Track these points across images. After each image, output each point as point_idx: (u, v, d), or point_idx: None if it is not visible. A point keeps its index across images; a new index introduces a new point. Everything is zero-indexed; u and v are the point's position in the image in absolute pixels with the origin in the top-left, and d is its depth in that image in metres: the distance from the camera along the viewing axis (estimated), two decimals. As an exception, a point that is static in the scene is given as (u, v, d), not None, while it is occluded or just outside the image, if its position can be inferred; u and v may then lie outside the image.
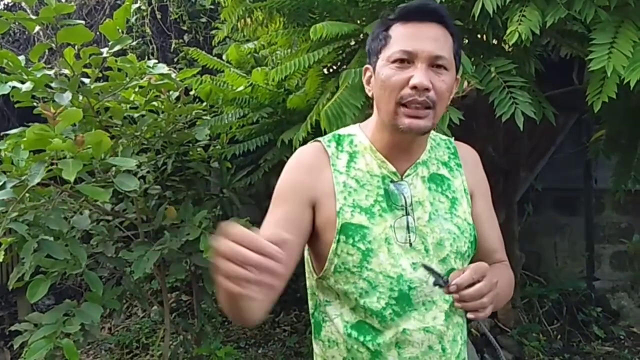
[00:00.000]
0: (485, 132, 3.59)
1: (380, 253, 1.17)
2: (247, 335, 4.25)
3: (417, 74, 1.13)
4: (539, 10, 1.87)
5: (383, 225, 1.18)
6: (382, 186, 1.22)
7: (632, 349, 3.92)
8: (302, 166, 1.26)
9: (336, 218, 1.18)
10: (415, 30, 1.16)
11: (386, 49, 1.18)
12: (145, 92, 2.59)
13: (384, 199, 1.21)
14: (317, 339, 1.29)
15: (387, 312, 1.17)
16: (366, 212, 1.19)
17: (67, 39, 2.15)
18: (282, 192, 1.25)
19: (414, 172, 1.25)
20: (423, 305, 1.19)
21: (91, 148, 1.97)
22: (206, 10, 4.73)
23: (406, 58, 1.14)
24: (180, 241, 2.51)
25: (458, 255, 1.24)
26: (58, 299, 4.33)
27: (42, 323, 2.24)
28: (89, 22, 4.80)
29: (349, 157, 1.25)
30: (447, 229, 1.23)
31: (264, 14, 2.69)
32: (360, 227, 1.17)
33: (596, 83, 1.84)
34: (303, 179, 1.23)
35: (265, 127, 3.14)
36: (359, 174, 1.23)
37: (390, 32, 1.19)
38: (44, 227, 2.18)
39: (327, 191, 1.21)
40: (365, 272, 1.17)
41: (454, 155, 1.34)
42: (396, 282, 1.17)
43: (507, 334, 3.83)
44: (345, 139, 1.28)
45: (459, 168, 1.32)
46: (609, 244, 4.81)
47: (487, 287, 1.07)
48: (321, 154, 1.26)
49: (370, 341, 1.18)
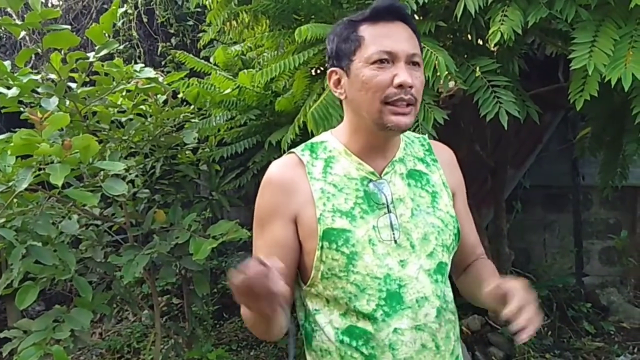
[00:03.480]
0: (472, 130, 3.61)
1: (365, 255, 1.17)
2: (239, 337, 4.24)
3: (400, 73, 1.15)
4: (521, 10, 1.89)
5: (365, 227, 1.19)
6: (361, 188, 1.22)
7: (622, 343, 3.94)
8: (277, 185, 1.26)
9: (317, 225, 1.18)
10: (387, 30, 1.18)
11: (361, 50, 1.19)
12: (132, 96, 2.58)
13: (364, 200, 1.21)
14: (310, 349, 1.28)
15: (378, 313, 1.17)
16: (347, 216, 1.19)
17: (53, 44, 2.15)
18: (264, 215, 1.26)
19: (392, 170, 1.26)
20: (417, 302, 1.19)
21: (79, 152, 1.97)
22: (193, 13, 4.72)
23: (386, 58, 1.16)
24: (170, 244, 2.51)
25: (444, 248, 1.25)
26: (48, 305, 4.31)
27: (31, 330, 2.23)
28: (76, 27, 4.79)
29: (325, 163, 1.25)
30: (431, 222, 1.24)
31: (249, 17, 2.70)
32: (342, 232, 1.18)
33: (578, 81, 1.86)
34: (280, 198, 1.24)
35: (253, 129, 3.15)
36: (336, 179, 1.23)
37: (361, 33, 1.20)
38: (32, 232, 2.16)
39: (306, 201, 1.21)
40: (352, 276, 1.17)
41: (428, 151, 1.36)
42: (384, 282, 1.17)
43: (498, 331, 3.85)
44: (318, 146, 1.29)
45: (435, 163, 1.34)
46: (598, 239, 4.84)
47: (533, 308, 1.09)
48: (295, 165, 1.26)
49: (363, 345, 1.18)
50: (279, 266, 1.03)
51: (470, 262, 1.40)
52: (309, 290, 1.25)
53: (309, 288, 1.24)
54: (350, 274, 1.17)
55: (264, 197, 1.27)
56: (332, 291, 1.19)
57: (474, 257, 1.41)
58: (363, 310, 1.17)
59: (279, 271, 1.02)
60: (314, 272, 1.20)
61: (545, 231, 4.90)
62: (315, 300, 1.25)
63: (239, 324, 4.36)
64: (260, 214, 1.28)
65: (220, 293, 4.80)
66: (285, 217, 1.22)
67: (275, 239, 1.23)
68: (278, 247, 1.22)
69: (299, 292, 1.31)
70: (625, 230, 4.73)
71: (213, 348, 3.58)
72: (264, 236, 1.25)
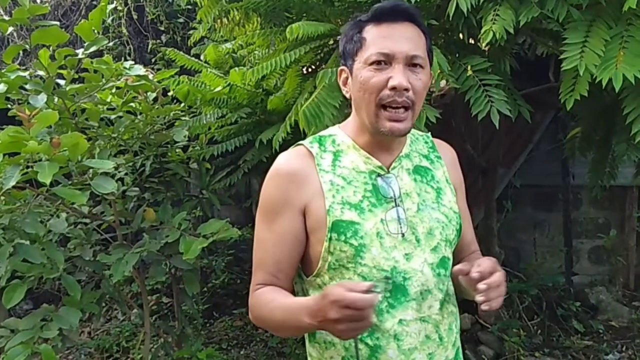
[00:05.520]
0: (464, 130, 3.62)
1: (372, 248, 1.19)
2: (229, 336, 4.22)
3: (395, 75, 1.15)
4: (513, 9, 1.89)
5: (373, 220, 1.20)
6: (370, 182, 1.24)
7: (610, 342, 3.97)
8: (286, 175, 1.26)
9: (326, 216, 1.19)
10: (390, 31, 1.18)
11: (362, 51, 1.20)
12: (122, 94, 2.56)
13: (372, 194, 1.23)
14: (313, 342, 1.29)
15: (383, 304, 1.19)
16: (356, 208, 1.20)
17: (41, 40, 2.12)
18: (272, 206, 1.26)
19: (399, 165, 1.28)
20: (421, 294, 1.21)
21: (67, 150, 1.94)
22: (183, 10, 4.70)
23: (383, 59, 1.17)
24: (160, 243, 2.49)
25: (447, 242, 1.28)
26: (36, 304, 4.27)
27: (19, 329, 2.20)
28: (65, 23, 4.75)
29: (333, 156, 1.27)
30: (436, 218, 1.26)
31: (240, 14, 2.68)
32: (351, 224, 1.19)
33: (569, 81, 1.87)
34: (290, 188, 1.24)
35: (244, 127, 3.13)
36: (345, 172, 1.24)
37: (364, 34, 1.21)
38: (19, 230, 2.14)
39: (316, 192, 1.22)
40: (359, 268, 1.19)
41: (432, 149, 1.38)
42: (390, 275, 1.19)
43: (488, 329, 3.87)
44: (327, 139, 1.30)
45: (439, 160, 1.36)
46: (587, 239, 4.87)
47: (503, 277, 1.15)
48: (304, 156, 1.27)
49: (368, 337, 1.19)
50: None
51: (462, 257, 1.41)
52: (314, 280, 1.25)
53: (314, 278, 1.25)
54: (358, 266, 1.19)
55: (273, 188, 1.27)
56: (339, 282, 1.20)
57: (467, 253, 1.43)
58: None
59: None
60: (320, 263, 1.21)
61: (535, 230, 4.93)
62: (319, 291, 1.24)
63: (229, 323, 4.35)
64: (267, 204, 1.27)
65: (210, 292, 4.79)
66: (294, 209, 1.23)
67: (284, 232, 1.24)
68: (286, 239, 1.23)
69: (300, 284, 1.31)
70: (614, 230, 4.77)
71: (203, 347, 3.57)
72: (272, 228, 1.25)
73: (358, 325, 1.01)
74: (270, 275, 1.26)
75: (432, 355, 1.23)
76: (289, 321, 1.17)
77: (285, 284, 1.26)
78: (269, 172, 1.28)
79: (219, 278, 4.95)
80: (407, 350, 1.19)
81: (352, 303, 0.98)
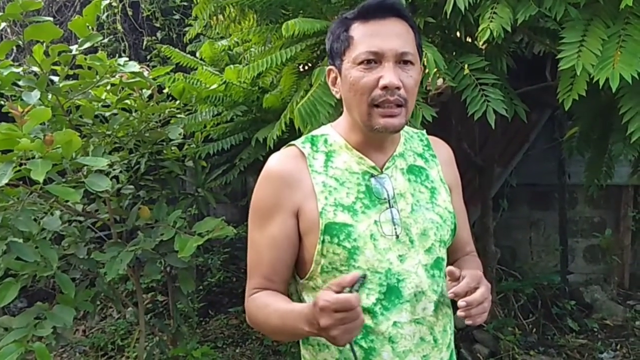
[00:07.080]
0: (460, 128, 3.62)
1: (366, 250, 1.17)
2: (225, 334, 4.22)
3: (386, 74, 1.13)
4: (510, 7, 1.88)
5: (367, 221, 1.18)
6: (363, 182, 1.22)
7: (605, 341, 3.99)
8: (278, 177, 1.24)
9: (319, 219, 1.17)
10: (377, 28, 1.16)
11: (350, 51, 1.17)
12: (117, 90, 2.54)
13: (365, 195, 1.21)
14: (306, 344, 1.28)
15: (377, 307, 1.18)
16: (349, 210, 1.18)
17: (35, 36, 2.10)
18: (264, 209, 1.24)
19: (393, 165, 1.26)
20: (415, 296, 1.20)
21: (61, 148, 1.92)
22: (179, 7, 4.69)
23: (373, 58, 1.14)
24: (155, 241, 2.47)
25: (442, 243, 1.26)
26: (30, 302, 4.26)
27: (12, 327, 2.18)
28: (59, 19, 4.71)
29: (326, 156, 1.24)
30: (430, 218, 1.24)
31: (236, 11, 2.67)
32: (344, 226, 1.17)
33: (566, 81, 1.86)
34: (282, 191, 1.22)
35: (239, 125, 3.11)
36: (337, 173, 1.22)
37: (351, 32, 1.18)
38: (13, 228, 2.12)
39: (308, 194, 1.20)
40: (353, 270, 1.17)
41: (427, 147, 1.36)
42: (384, 277, 1.18)
43: (483, 328, 3.86)
44: (319, 139, 1.28)
45: (434, 159, 1.34)
46: (582, 238, 4.89)
47: (487, 292, 1.12)
48: (296, 157, 1.25)
49: (362, 339, 1.18)
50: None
51: (457, 258, 1.40)
52: (307, 283, 1.24)
53: (307, 281, 1.23)
54: (352, 268, 1.17)
55: (264, 190, 1.25)
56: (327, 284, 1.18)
57: (463, 254, 1.41)
58: (362, 304, 1.16)
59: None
60: (313, 266, 1.20)
61: (531, 229, 4.94)
62: (313, 294, 1.23)
63: (225, 321, 4.35)
64: (259, 207, 1.25)
65: (206, 290, 4.78)
66: (287, 211, 1.21)
67: (277, 235, 1.22)
68: (279, 243, 1.22)
69: (294, 286, 1.30)
70: (609, 229, 4.78)
71: (198, 345, 3.56)
72: (265, 232, 1.23)
73: (350, 326, 0.99)
74: (264, 279, 1.24)
75: (427, 357, 1.22)
76: (286, 328, 1.15)
77: (280, 287, 1.25)
78: (261, 174, 1.27)
79: (215, 276, 4.94)
80: (401, 353, 1.18)
81: (340, 305, 0.97)
